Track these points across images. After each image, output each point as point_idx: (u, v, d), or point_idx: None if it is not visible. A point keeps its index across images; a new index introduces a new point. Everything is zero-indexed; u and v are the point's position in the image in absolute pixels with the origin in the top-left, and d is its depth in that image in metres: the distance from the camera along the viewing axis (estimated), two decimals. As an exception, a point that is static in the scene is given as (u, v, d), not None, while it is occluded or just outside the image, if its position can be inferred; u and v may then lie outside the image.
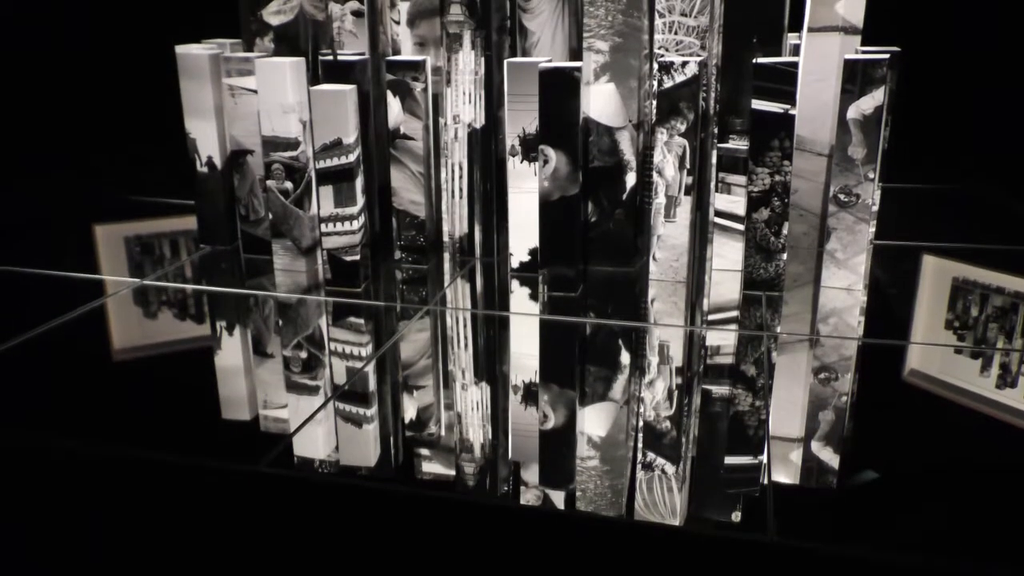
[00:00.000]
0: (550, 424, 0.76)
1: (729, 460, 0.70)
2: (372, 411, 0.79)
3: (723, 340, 0.92)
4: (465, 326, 0.97)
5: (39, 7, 1.73)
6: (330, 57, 1.07)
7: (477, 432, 0.75)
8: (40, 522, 0.72)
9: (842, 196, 0.95)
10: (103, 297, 1.03)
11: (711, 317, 0.97)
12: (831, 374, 0.83)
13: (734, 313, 0.97)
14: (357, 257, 1.02)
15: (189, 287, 1.07)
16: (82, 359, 0.90)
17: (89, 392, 0.83)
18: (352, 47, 1.10)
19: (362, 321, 0.97)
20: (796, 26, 1.05)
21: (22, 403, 0.81)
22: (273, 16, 1.10)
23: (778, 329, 0.92)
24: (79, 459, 0.70)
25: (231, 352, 0.92)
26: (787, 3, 0.99)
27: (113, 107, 1.74)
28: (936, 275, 1.09)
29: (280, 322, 0.98)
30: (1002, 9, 1.51)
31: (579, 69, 0.97)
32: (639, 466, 0.69)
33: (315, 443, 0.73)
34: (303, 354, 0.89)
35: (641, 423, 0.76)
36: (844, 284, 0.98)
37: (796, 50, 1.06)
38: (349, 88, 0.98)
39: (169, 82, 1.13)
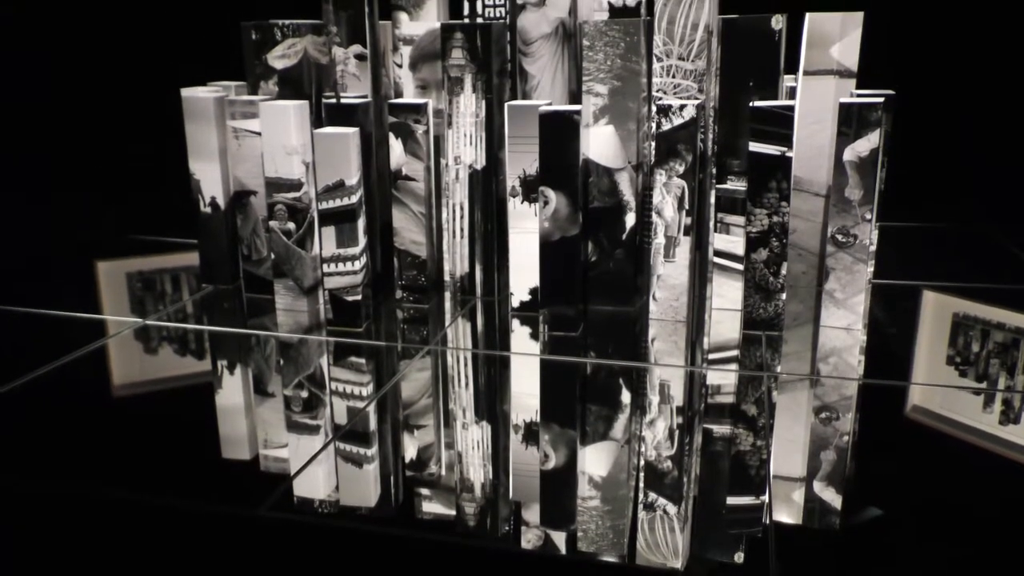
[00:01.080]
0: (551, 464, 0.76)
1: (731, 500, 0.70)
2: (372, 451, 0.79)
3: (723, 380, 0.92)
4: (466, 365, 0.97)
5: (48, 47, 1.76)
6: (333, 100, 1.09)
7: (478, 472, 0.75)
8: (39, 568, 0.72)
9: (840, 237, 0.96)
10: (104, 338, 1.03)
11: (711, 356, 0.97)
12: (832, 414, 0.83)
13: (734, 352, 0.97)
14: (359, 297, 1.02)
15: (191, 327, 1.07)
16: (83, 400, 0.90)
17: (89, 434, 0.83)
18: (355, 90, 1.12)
19: (363, 361, 0.97)
20: (792, 68, 1.07)
21: (21, 446, 0.80)
22: (278, 60, 1.12)
23: (778, 369, 0.92)
24: (77, 503, 0.70)
25: (232, 391, 0.92)
26: (783, 47, 1.01)
27: (118, 148, 1.76)
28: (936, 311, 1.10)
29: (281, 361, 0.98)
30: (994, 50, 1.53)
31: (579, 112, 0.98)
32: (640, 506, 0.69)
33: (315, 483, 0.73)
34: (304, 394, 0.89)
35: (642, 463, 0.76)
36: (843, 324, 0.99)
37: (792, 92, 1.08)
38: (352, 131, 0.99)
39: (174, 124, 1.14)
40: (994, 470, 0.75)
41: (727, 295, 1.05)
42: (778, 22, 0.99)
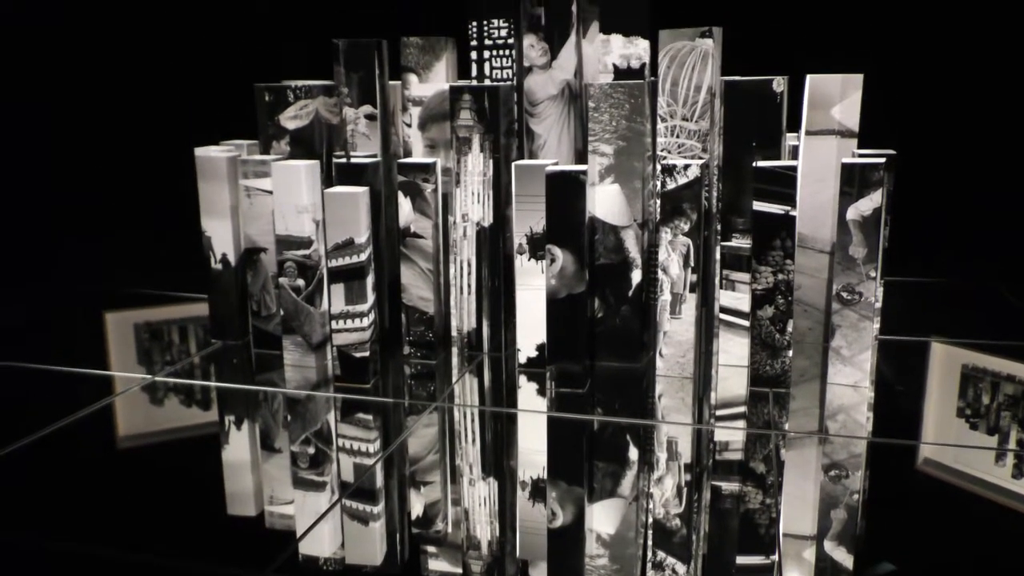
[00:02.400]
0: (558, 522, 0.76)
1: (740, 559, 0.70)
2: (379, 508, 0.78)
3: (731, 437, 0.92)
4: (473, 420, 0.97)
5: (63, 103, 1.80)
6: (343, 159, 1.11)
7: (484, 529, 0.75)
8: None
9: (845, 294, 0.97)
10: (111, 396, 1.04)
11: (719, 413, 0.97)
12: (841, 472, 0.83)
13: (741, 409, 0.97)
14: (367, 353, 1.03)
15: (199, 383, 1.08)
16: (90, 457, 0.90)
17: (95, 492, 0.83)
18: (365, 148, 1.14)
19: (370, 417, 0.97)
20: (794, 127, 1.09)
21: (28, 505, 0.80)
22: (290, 121, 1.14)
23: (786, 426, 0.92)
24: (82, 562, 0.70)
25: (239, 448, 0.92)
26: (784, 108, 1.03)
27: (131, 204, 1.78)
28: (944, 364, 1.10)
29: (288, 417, 0.98)
30: (991, 106, 1.56)
31: (584, 172, 1.00)
32: (649, 565, 0.68)
33: (321, 542, 0.72)
34: (311, 450, 0.89)
35: (650, 521, 0.75)
36: (851, 381, 0.99)
37: (795, 151, 1.09)
38: (361, 190, 1.01)
39: (187, 182, 1.17)
40: (1008, 525, 0.74)
41: (733, 351, 1.05)
42: (779, 85, 1.01)
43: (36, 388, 1.07)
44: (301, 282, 1.06)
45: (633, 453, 0.88)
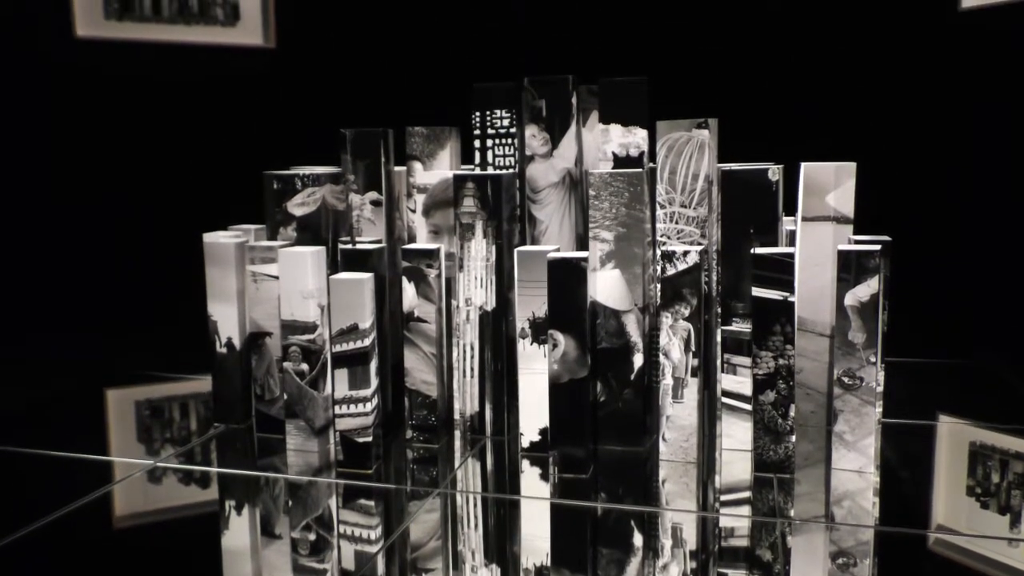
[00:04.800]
0: (563, 614, 0.75)
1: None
2: (381, 599, 0.77)
3: (737, 523, 0.91)
4: (475, 506, 0.97)
5: (72, 185, 1.83)
6: (349, 244, 1.13)
7: (488, 622, 0.74)
8: None
9: (846, 379, 0.97)
10: (111, 484, 1.03)
11: (723, 498, 0.96)
12: (849, 559, 0.82)
13: (746, 494, 0.97)
14: (369, 438, 1.03)
15: (200, 468, 1.08)
16: (89, 543, 0.89)
17: (95, 578, 0.82)
18: (370, 234, 1.16)
19: (372, 503, 0.96)
20: (790, 210, 1.11)
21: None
22: (297, 207, 1.17)
23: (792, 512, 0.91)
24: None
25: (239, 533, 0.92)
26: (780, 195, 1.05)
27: (137, 288, 1.80)
28: (951, 442, 1.10)
29: (290, 503, 0.97)
30: (983, 189, 1.59)
31: (586, 259, 1.02)
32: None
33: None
34: (311, 536, 0.89)
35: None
36: (855, 466, 0.98)
37: (792, 236, 1.11)
38: (366, 276, 1.03)
39: (193, 266, 1.18)
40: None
41: (736, 435, 1.05)
42: (775, 174, 1.04)
43: (34, 476, 1.06)
44: (305, 366, 1.06)
45: (638, 540, 0.87)
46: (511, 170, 1.17)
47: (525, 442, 1.07)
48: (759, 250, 0.99)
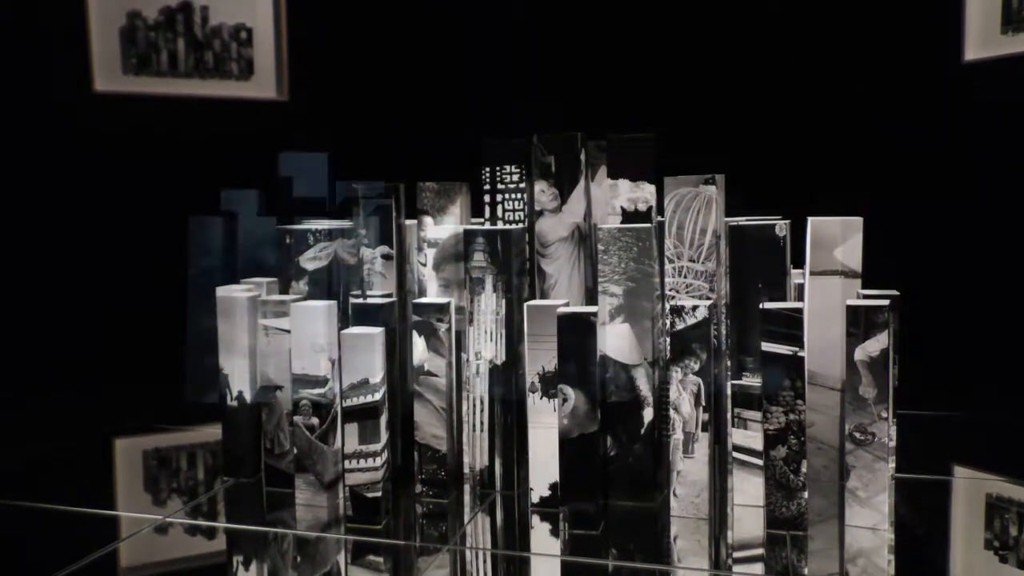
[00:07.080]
0: (574, 677, 0.74)
1: None
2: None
3: (749, 582, 0.90)
4: (485, 562, 0.96)
5: (88, 240, 1.86)
6: (360, 299, 1.14)
7: None
8: None
9: (858, 435, 0.97)
10: (116, 542, 1.03)
11: (736, 555, 0.95)
12: (863, 621, 0.81)
13: (759, 551, 0.96)
14: (379, 493, 1.02)
15: (208, 523, 1.07)
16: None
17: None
18: (381, 287, 1.17)
19: (381, 560, 0.96)
20: (798, 263, 1.11)
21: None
22: (309, 262, 1.18)
23: (806, 571, 0.90)
24: None
25: (248, 593, 0.91)
26: (788, 250, 1.06)
27: (147, 340, 1.81)
28: (966, 496, 1.09)
29: (298, 559, 0.97)
30: (986, 241, 1.59)
31: (595, 314, 1.02)
32: None
33: None
34: (321, 596, 0.88)
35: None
36: (869, 523, 0.97)
37: (800, 289, 1.12)
38: (377, 331, 1.03)
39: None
40: None
41: (748, 491, 1.04)
42: (782, 229, 1.05)
43: (40, 532, 1.06)
44: (315, 420, 1.06)
45: (649, 600, 0.86)
46: (520, 225, 1.18)
47: (535, 497, 1.06)
48: (768, 305, 1.00)
